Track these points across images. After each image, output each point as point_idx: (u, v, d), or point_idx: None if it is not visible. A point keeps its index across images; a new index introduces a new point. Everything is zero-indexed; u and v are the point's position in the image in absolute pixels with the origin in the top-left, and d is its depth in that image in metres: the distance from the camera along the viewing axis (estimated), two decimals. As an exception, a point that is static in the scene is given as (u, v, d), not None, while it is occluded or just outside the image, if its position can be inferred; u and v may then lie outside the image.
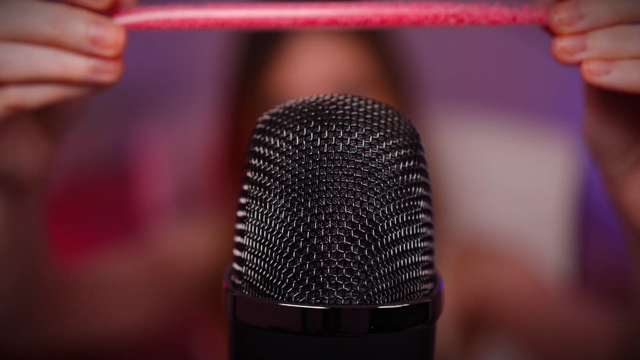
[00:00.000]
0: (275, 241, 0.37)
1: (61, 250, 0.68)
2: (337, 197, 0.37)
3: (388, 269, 0.37)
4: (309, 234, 0.36)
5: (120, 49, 0.45)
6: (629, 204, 0.49)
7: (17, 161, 0.50)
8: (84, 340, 0.79)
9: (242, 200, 0.39)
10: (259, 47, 0.93)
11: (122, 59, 0.46)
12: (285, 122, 0.38)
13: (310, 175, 0.37)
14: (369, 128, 0.38)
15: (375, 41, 0.95)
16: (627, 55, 0.42)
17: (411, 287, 0.38)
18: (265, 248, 0.37)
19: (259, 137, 0.39)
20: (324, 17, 0.45)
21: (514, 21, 0.45)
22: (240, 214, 0.39)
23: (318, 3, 0.46)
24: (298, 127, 0.38)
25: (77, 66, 0.45)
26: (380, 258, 0.37)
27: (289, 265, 0.37)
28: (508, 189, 1.09)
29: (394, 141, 0.38)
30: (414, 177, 0.38)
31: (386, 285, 0.37)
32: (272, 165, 0.38)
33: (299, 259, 0.36)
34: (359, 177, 0.37)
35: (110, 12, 0.46)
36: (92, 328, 0.80)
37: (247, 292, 0.38)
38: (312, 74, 0.90)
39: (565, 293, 0.91)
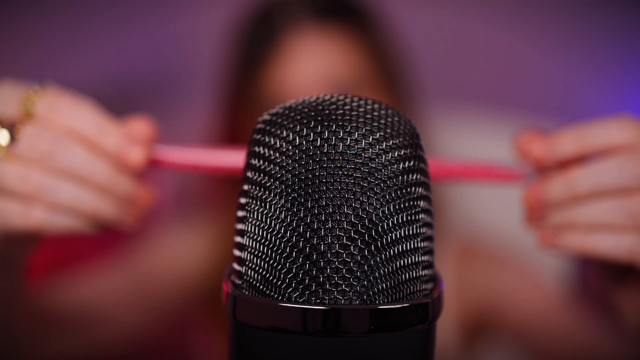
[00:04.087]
0: (275, 241, 0.37)
1: (59, 250, 0.68)
2: (337, 197, 0.37)
3: (388, 269, 0.37)
4: (309, 234, 0.36)
5: (147, 208, 0.54)
6: (618, 308, 0.58)
7: (16, 251, 0.55)
8: (76, 354, 0.79)
9: (242, 200, 0.39)
10: (256, 48, 0.93)
11: (141, 217, 0.54)
12: (285, 122, 0.38)
13: (310, 175, 0.37)
14: (369, 128, 0.38)
15: (371, 41, 0.95)
16: (575, 225, 0.51)
17: (411, 287, 0.38)
18: (265, 248, 0.37)
19: (259, 137, 0.39)
20: None
21: (498, 177, 0.56)
22: (240, 214, 0.39)
23: None
24: (298, 127, 0.38)
25: (110, 212, 0.52)
26: (380, 258, 0.37)
27: (289, 265, 0.37)
28: (508, 190, 1.09)
29: (394, 141, 0.38)
30: (414, 177, 0.38)
31: (386, 285, 0.37)
32: (272, 165, 0.38)
33: (299, 259, 0.36)
34: (359, 177, 0.37)
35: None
36: (82, 344, 0.80)
37: (247, 292, 0.38)
38: (308, 73, 0.90)
39: (566, 296, 0.91)
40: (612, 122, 0.52)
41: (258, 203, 0.38)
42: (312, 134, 0.37)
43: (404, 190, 0.37)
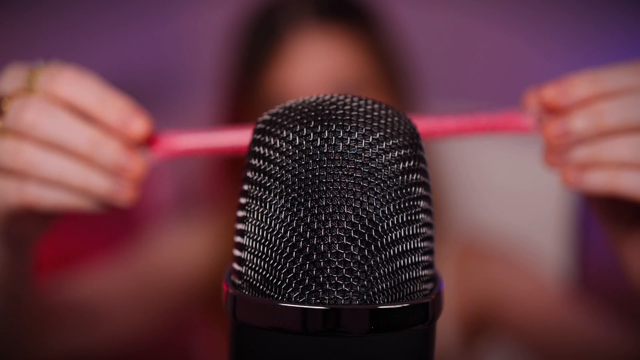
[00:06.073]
0: (275, 241, 0.37)
1: (58, 250, 0.69)
2: (337, 197, 0.37)
3: (388, 269, 0.37)
4: (309, 234, 0.36)
5: (139, 178, 0.51)
6: (626, 262, 0.55)
7: (24, 228, 0.55)
8: (77, 352, 0.79)
9: (242, 200, 0.39)
10: (258, 48, 0.93)
11: (138, 191, 0.52)
12: (285, 122, 0.38)
13: (310, 175, 0.37)
14: (369, 128, 0.38)
15: (373, 41, 0.95)
16: (602, 162, 0.49)
17: (411, 287, 0.38)
18: (265, 248, 0.37)
19: (259, 137, 0.39)
20: None
21: (504, 129, 0.53)
22: (241, 214, 0.39)
23: None
24: (298, 127, 0.38)
25: (99, 184, 0.51)
26: (380, 258, 0.37)
27: (289, 265, 0.37)
28: (508, 189, 1.09)
29: (394, 141, 0.38)
30: (414, 177, 0.38)
31: (386, 285, 0.37)
32: (272, 165, 0.38)
33: (299, 259, 0.36)
34: (359, 177, 0.37)
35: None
36: (83, 341, 0.80)
37: (247, 292, 0.38)
38: (310, 74, 0.90)
39: (567, 294, 0.91)
40: (627, 67, 0.50)
41: (258, 203, 0.38)
42: (312, 134, 0.37)
43: (404, 190, 0.37)
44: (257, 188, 0.38)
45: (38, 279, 0.66)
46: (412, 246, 0.38)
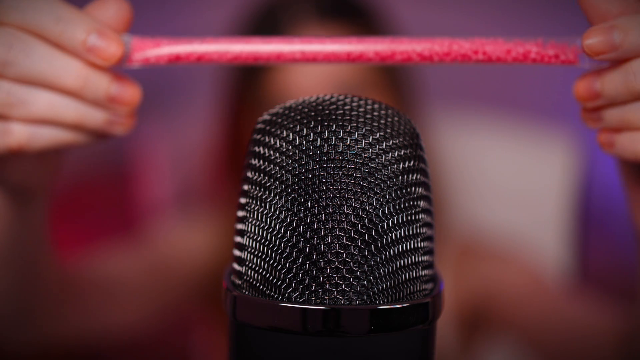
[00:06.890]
0: (275, 241, 0.37)
1: (61, 249, 0.69)
2: (337, 197, 0.37)
3: (388, 269, 0.37)
4: (309, 234, 0.36)
5: (134, 106, 0.47)
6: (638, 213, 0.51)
7: (26, 173, 0.52)
8: (84, 338, 0.79)
9: (242, 200, 0.39)
10: None
11: (134, 115, 0.48)
12: (285, 122, 0.38)
13: (310, 175, 0.37)
14: (369, 128, 0.38)
15: None
16: (627, 127, 0.45)
17: (411, 287, 0.38)
18: (265, 248, 0.37)
19: (259, 137, 0.39)
20: (345, 51, 0.46)
21: (541, 61, 0.45)
22: (240, 214, 0.39)
23: (334, 38, 0.46)
24: (298, 127, 0.38)
25: (94, 116, 0.47)
26: (380, 258, 0.37)
27: (289, 265, 0.37)
28: (508, 189, 1.09)
29: (394, 141, 0.38)
30: (414, 177, 0.38)
31: (386, 285, 0.37)
32: (272, 165, 0.38)
33: (299, 259, 0.36)
34: (359, 177, 0.37)
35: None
36: (91, 325, 0.80)
37: (247, 292, 0.38)
38: (312, 74, 0.90)
39: (566, 291, 0.91)
40: None
41: (258, 203, 0.38)
42: (312, 134, 0.37)
43: (404, 190, 0.37)
44: (257, 188, 0.38)
45: (54, 248, 0.64)
46: (412, 246, 0.38)
